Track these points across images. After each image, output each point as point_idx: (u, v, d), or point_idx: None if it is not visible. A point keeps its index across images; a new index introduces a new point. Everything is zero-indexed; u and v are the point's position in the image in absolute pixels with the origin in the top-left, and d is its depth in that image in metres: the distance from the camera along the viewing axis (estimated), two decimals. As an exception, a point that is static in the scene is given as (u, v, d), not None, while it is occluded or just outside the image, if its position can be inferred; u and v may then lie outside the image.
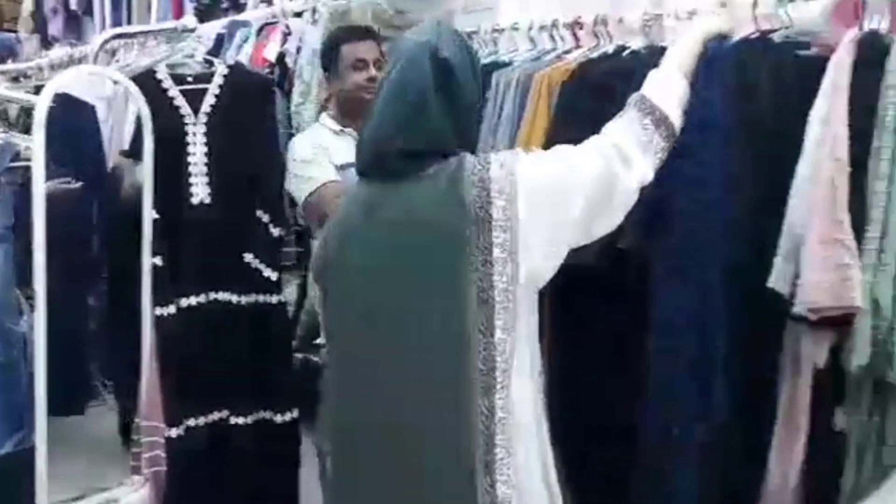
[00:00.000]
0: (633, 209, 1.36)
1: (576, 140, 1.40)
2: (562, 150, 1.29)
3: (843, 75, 1.62)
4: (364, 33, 2.32)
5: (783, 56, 1.74)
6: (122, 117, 3.04)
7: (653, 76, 1.41)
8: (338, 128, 2.20)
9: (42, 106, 2.08)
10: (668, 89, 1.34)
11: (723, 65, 1.70)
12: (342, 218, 1.30)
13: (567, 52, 2.30)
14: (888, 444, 1.61)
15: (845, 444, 1.67)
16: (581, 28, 2.26)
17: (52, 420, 2.06)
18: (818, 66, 1.65)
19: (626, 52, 2.11)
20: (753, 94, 1.72)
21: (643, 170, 1.26)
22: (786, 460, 1.69)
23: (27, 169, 2.15)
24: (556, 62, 2.25)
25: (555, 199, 1.19)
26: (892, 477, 1.37)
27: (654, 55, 1.99)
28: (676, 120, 1.34)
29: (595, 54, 2.15)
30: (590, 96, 2.02)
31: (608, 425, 1.81)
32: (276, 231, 2.38)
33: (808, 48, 1.74)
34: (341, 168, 2.08)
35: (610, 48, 2.17)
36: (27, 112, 2.59)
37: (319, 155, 2.07)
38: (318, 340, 1.45)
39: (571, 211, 1.19)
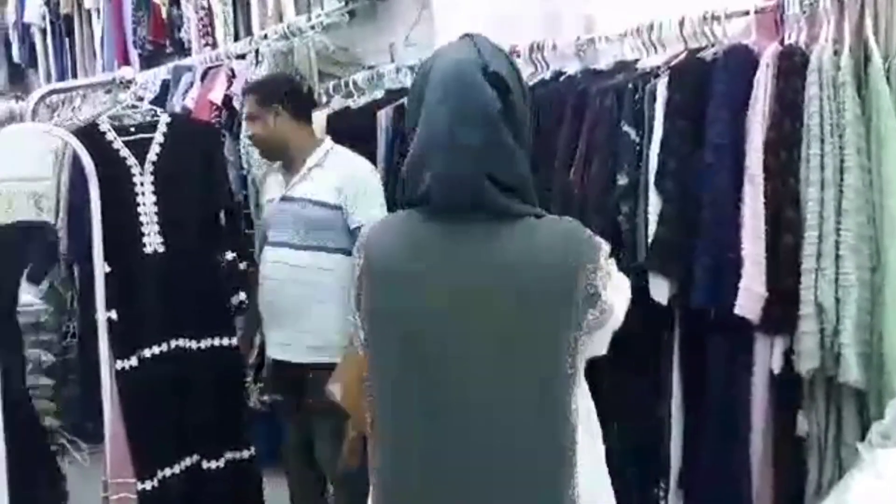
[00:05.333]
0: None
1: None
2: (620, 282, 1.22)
3: (760, 89, 1.68)
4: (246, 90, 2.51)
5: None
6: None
7: None
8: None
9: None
10: None
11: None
12: (400, 251, 1.17)
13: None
14: (846, 444, 1.66)
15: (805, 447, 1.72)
16: (518, 56, 2.31)
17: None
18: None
19: (563, 76, 2.17)
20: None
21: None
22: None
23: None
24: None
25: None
26: (845, 477, 1.40)
27: (589, 78, 2.07)
28: None
29: (533, 81, 2.20)
30: (533, 122, 2.07)
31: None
32: (242, 265, 2.41)
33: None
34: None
35: (547, 74, 2.23)
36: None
37: None
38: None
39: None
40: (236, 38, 3.71)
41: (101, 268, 2.21)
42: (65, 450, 3.87)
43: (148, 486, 2.24)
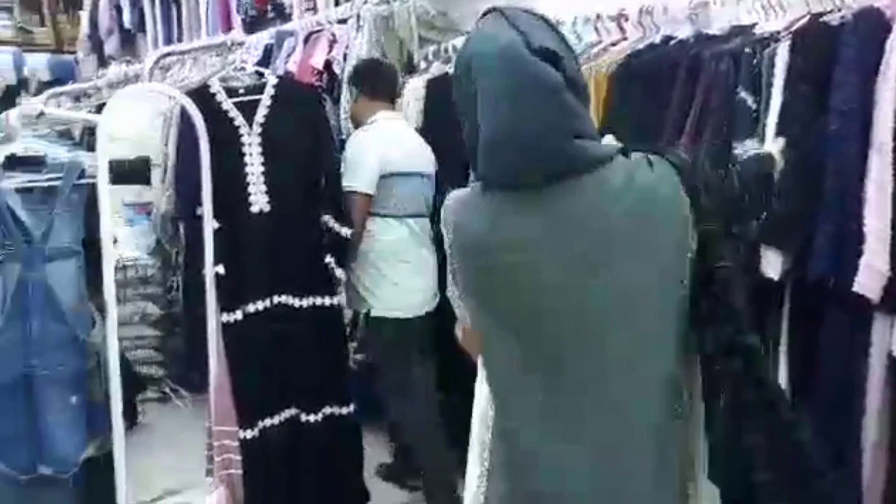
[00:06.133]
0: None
1: (628, 134, 1.39)
2: None
3: (893, 54, 1.58)
4: None
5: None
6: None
7: None
8: None
9: (104, 124, 2.17)
10: None
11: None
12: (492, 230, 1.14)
13: (613, 44, 2.29)
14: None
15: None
16: (626, 20, 2.25)
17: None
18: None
19: (673, 41, 2.10)
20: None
21: None
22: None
23: (93, 186, 2.24)
24: (601, 55, 2.25)
25: None
26: None
27: (702, 43, 1.99)
28: None
29: (642, 45, 2.14)
30: (640, 88, 2.02)
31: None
32: (343, 230, 2.45)
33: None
34: None
35: (657, 38, 2.16)
36: (91, 130, 2.69)
37: None
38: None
39: None
40: (337, 3, 3.75)
41: (209, 224, 2.29)
42: (167, 397, 4.10)
43: (249, 434, 2.34)
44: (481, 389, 1.35)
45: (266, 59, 3.59)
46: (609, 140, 1.27)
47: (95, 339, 2.38)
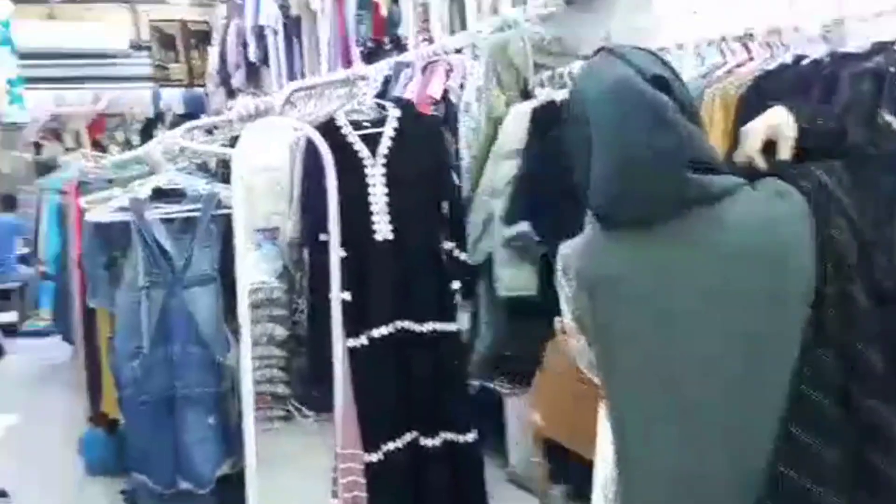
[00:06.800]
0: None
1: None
2: None
3: None
4: None
5: None
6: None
7: None
8: None
9: (238, 157, 2.30)
10: None
11: None
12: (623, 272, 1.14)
13: (739, 65, 2.23)
14: None
15: None
16: (752, 39, 2.18)
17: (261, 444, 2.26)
18: None
19: (806, 60, 2.02)
20: None
21: None
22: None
23: (229, 216, 2.38)
24: (727, 77, 2.19)
25: None
26: None
27: (837, 62, 1.91)
28: None
29: (772, 65, 2.07)
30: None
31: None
32: (462, 256, 2.50)
33: None
34: None
35: (788, 58, 2.08)
36: (225, 163, 2.86)
37: None
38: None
39: None
40: (452, 33, 3.83)
41: (337, 252, 2.39)
42: (291, 415, 4.26)
43: (374, 458, 2.39)
44: (604, 431, 1.34)
45: (385, 89, 3.71)
46: None
47: (231, 361, 2.52)
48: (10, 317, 6.81)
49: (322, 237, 2.55)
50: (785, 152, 1.12)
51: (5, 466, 3.62)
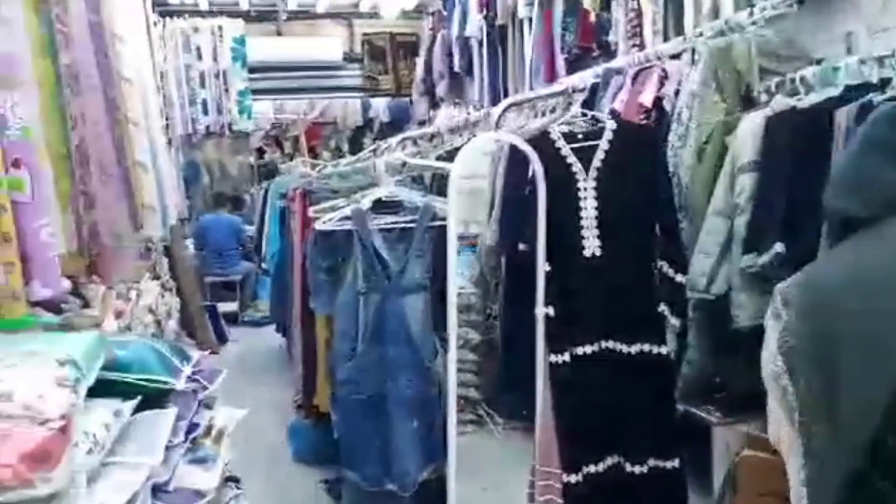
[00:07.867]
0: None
1: None
2: None
3: None
4: None
5: None
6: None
7: None
8: None
9: (455, 172, 2.34)
10: None
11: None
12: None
13: None
14: None
15: None
16: None
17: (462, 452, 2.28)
18: None
19: None
20: None
21: None
22: None
23: (443, 228, 2.42)
24: None
25: None
26: None
27: None
28: None
29: None
30: None
31: None
32: (678, 278, 2.37)
33: None
34: None
35: None
36: (440, 176, 2.94)
37: None
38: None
39: None
40: (665, 39, 3.67)
41: (542, 266, 2.36)
42: (482, 420, 4.30)
43: (573, 479, 2.33)
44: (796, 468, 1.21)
45: (591, 97, 3.62)
46: None
47: (438, 367, 2.58)
48: (232, 307, 7.51)
49: (521, 246, 2.53)
50: None
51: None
